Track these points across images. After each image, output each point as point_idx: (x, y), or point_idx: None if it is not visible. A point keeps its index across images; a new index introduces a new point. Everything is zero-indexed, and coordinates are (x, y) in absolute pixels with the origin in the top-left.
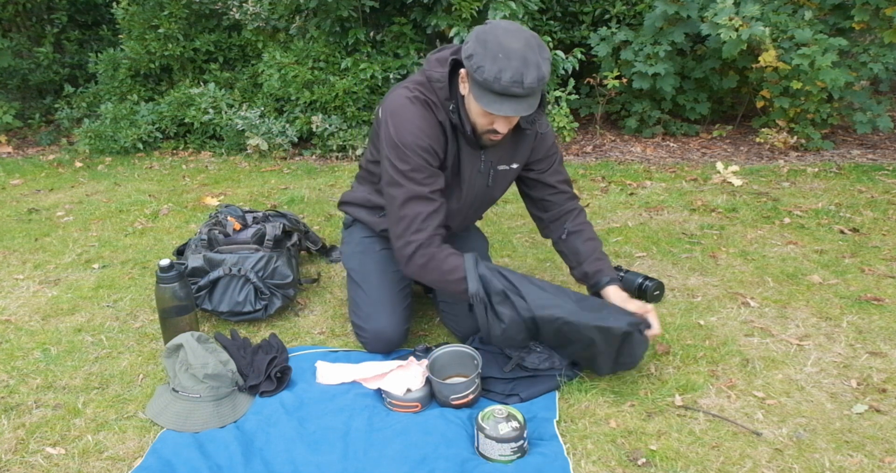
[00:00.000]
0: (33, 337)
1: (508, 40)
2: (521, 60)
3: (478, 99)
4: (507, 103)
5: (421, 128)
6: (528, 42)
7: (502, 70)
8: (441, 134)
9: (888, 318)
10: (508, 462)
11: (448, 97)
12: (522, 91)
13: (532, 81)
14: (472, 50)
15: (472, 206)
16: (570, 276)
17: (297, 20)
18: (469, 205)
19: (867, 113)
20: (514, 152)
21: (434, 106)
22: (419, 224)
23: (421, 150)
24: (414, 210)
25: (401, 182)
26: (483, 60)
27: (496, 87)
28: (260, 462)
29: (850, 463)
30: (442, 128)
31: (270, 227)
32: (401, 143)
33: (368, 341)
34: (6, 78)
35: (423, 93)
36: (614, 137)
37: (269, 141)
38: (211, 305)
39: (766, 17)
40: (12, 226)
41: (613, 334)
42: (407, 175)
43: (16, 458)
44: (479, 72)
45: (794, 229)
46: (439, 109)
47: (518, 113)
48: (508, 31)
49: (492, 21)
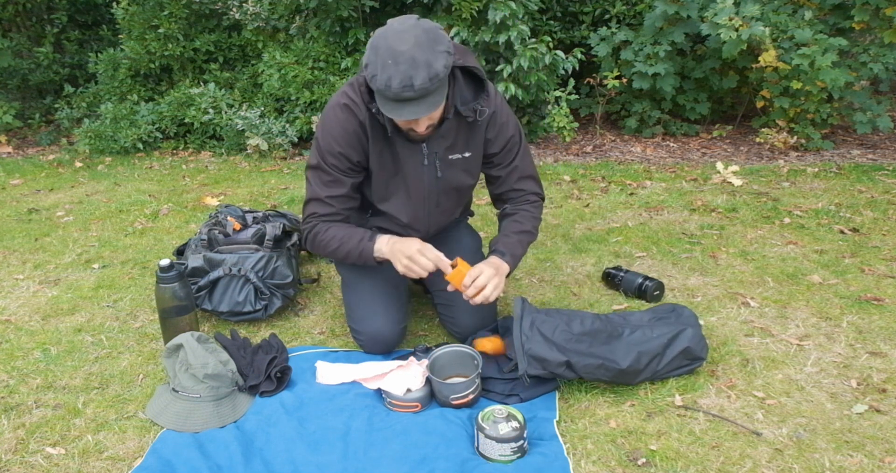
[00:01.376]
0: (33, 337)
1: (397, 43)
2: (410, 63)
3: (380, 105)
4: (404, 108)
5: (335, 133)
6: (417, 41)
7: (391, 77)
8: (359, 139)
9: (888, 318)
10: (508, 462)
11: (370, 100)
12: (414, 94)
13: (423, 82)
14: (366, 58)
15: (430, 199)
16: (569, 276)
17: (297, 20)
18: (424, 198)
19: (867, 113)
20: (464, 140)
21: (355, 107)
22: (311, 219)
23: (331, 154)
24: (311, 209)
25: (309, 179)
26: (375, 69)
27: (388, 94)
28: (260, 462)
29: (850, 463)
30: (362, 130)
31: (270, 227)
32: (319, 143)
33: (365, 343)
34: (6, 78)
35: (349, 96)
36: (614, 137)
37: (269, 141)
38: (211, 305)
39: (766, 17)
40: (12, 226)
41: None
42: (314, 174)
43: (16, 458)
44: (374, 81)
45: (794, 229)
46: (360, 108)
47: (417, 115)
48: (398, 32)
49: (390, 20)
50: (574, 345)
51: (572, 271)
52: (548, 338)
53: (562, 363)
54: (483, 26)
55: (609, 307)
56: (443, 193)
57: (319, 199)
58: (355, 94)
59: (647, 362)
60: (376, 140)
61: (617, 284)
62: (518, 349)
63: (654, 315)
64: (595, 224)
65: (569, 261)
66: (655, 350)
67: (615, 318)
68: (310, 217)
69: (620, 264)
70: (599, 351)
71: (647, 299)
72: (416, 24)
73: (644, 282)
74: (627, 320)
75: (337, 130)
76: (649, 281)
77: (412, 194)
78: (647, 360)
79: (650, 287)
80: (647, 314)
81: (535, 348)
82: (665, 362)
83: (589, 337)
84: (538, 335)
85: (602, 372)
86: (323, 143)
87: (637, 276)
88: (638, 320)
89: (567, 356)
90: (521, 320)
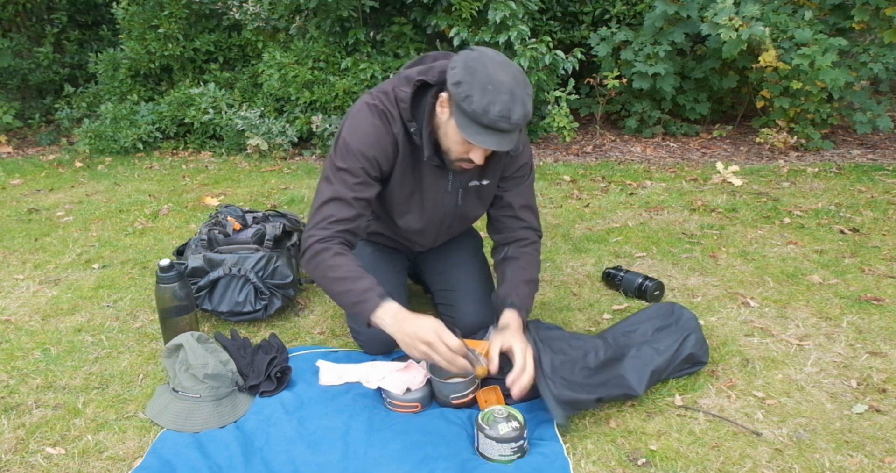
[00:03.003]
0: (33, 337)
1: (497, 72)
2: (510, 95)
3: (461, 128)
4: (491, 137)
5: (370, 136)
6: (515, 76)
7: (491, 103)
8: (391, 147)
9: (888, 318)
10: (508, 463)
11: (410, 118)
12: (509, 126)
13: (518, 118)
14: (459, 77)
15: (444, 224)
16: (569, 276)
17: (297, 20)
18: (438, 223)
19: (867, 113)
20: (483, 169)
21: (391, 118)
22: (327, 224)
23: (363, 157)
24: (330, 210)
25: (332, 179)
26: (471, 90)
27: (483, 119)
28: (260, 462)
29: (850, 463)
30: (394, 144)
31: (270, 227)
32: (348, 143)
33: (365, 343)
34: (6, 78)
35: (383, 103)
36: (614, 137)
37: (269, 141)
38: (211, 305)
39: (766, 17)
40: (12, 226)
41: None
42: (340, 175)
43: (16, 458)
44: (468, 102)
45: (794, 229)
46: (396, 122)
47: (501, 148)
48: (497, 62)
49: (478, 48)
50: (596, 379)
51: (572, 271)
52: (572, 382)
53: (593, 401)
54: (483, 26)
55: (609, 307)
56: (457, 218)
57: (344, 199)
58: (392, 106)
59: (657, 378)
60: (404, 157)
61: (617, 284)
62: (548, 397)
63: (655, 324)
64: (595, 224)
65: (569, 261)
66: (664, 366)
67: (620, 336)
68: (324, 222)
69: (620, 264)
70: (617, 380)
71: (647, 299)
72: (510, 61)
73: (644, 282)
74: (631, 337)
75: (371, 135)
76: (649, 281)
77: (427, 215)
78: (657, 377)
79: (650, 287)
80: (649, 324)
81: (566, 393)
82: (670, 370)
83: (606, 369)
84: (560, 380)
85: (621, 397)
86: (354, 145)
87: (637, 276)
88: (642, 334)
89: (596, 393)
90: (541, 362)
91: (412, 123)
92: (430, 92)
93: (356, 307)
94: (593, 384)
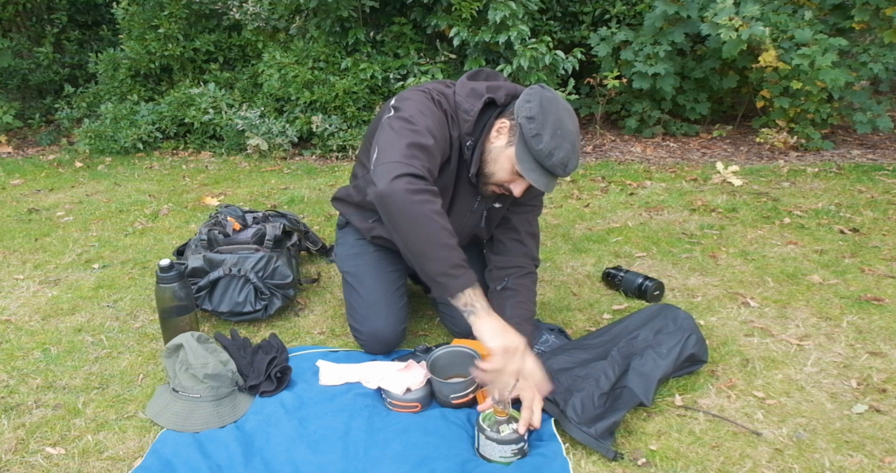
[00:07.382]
0: (33, 337)
1: (566, 119)
2: (572, 145)
3: (519, 161)
4: (543, 177)
5: (434, 125)
6: (577, 128)
7: (557, 148)
8: (447, 147)
9: (888, 318)
10: (508, 464)
11: (470, 131)
12: (563, 174)
13: (572, 169)
14: (534, 112)
15: (461, 236)
16: (569, 276)
17: (297, 20)
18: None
19: (867, 113)
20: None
21: (451, 121)
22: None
23: (430, 134)
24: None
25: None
26: (543, 130)
27: (545, 161)
28: (260, 462)
29: (850, 463)
30: (451, 145)
31: (270, 227)
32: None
33: (366, 343)
34: (6, 78)
35: (446, 103)
36: (614, 137)
37: (269, 141)
38: (211, 305)
39: (766, 17)
40: (12, 226)
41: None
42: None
43: (16, 458)
44: (536, 140)
45: (794, 229)
46: (455, 127)
47: (548, 190)
48: (567, 109)
49: (550, 89)
50: (613, 395)
51: (572, 271)
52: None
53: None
54: (483, 26)
55: (609, 307)
56: (472, 237)
57: (427, 148)
58: (452, 110)
59: (661, 383)
60: (447, 164)
61: (617, 284)
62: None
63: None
64: (595, 224)
65: (569, 261)
66: (670, 370)
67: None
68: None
69: (620, 264)
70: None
71: (647, 299)
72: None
73: (644, 282)
74: (633, 344)
75: (440, 126)
76: (649, 281)
77: None
78: (661, 382)
79: (650, 287)
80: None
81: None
82: (671, 371)
83: (618, 384)
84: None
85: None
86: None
87: (637, 276)
88: (643, 340)
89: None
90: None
91: (469, 137)
92: (493, 112)
93: (442, 264)
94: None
